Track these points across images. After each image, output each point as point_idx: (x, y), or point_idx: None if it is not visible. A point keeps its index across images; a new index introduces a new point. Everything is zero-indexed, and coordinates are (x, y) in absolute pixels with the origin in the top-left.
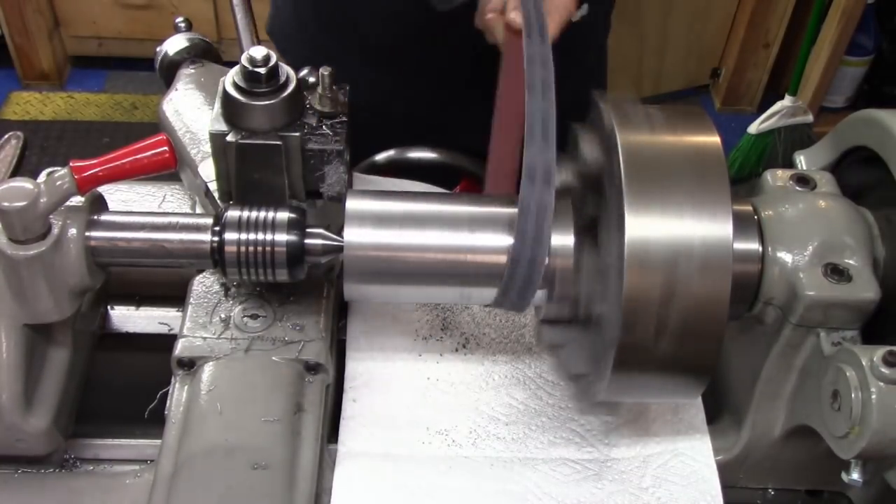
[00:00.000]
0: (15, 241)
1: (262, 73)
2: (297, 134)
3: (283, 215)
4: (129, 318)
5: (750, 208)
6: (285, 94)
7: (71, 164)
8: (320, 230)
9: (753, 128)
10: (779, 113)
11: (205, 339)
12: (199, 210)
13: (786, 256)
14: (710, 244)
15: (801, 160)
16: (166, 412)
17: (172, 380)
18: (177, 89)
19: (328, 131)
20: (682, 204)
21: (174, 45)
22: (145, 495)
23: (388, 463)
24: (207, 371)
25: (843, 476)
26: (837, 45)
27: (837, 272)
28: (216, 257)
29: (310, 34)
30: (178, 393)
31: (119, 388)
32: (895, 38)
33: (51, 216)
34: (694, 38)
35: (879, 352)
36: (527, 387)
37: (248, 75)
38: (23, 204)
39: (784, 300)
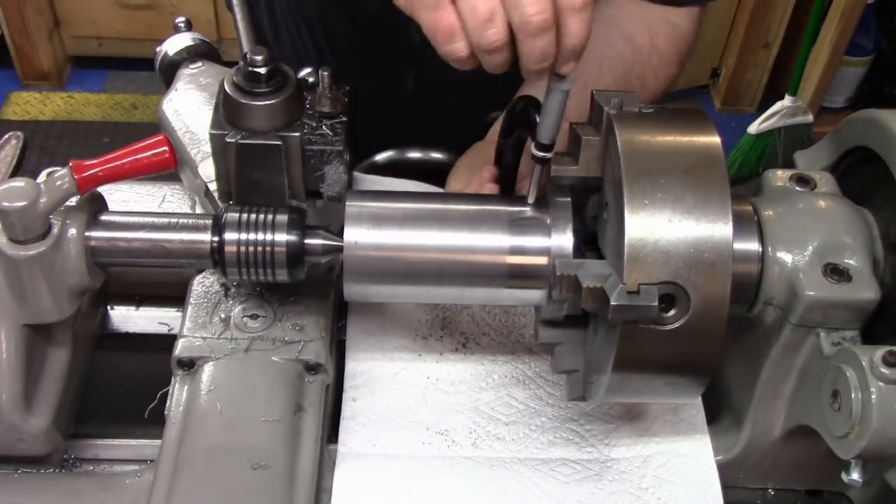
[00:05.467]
0: (15, 241)
1: (262, 73)
2: (297, 134)
3: (283, 215)
4: (129, 318)
5: (750, 208)
6: (285, 94)
7: (71, 164)
8: (320, 230)
9: (753, 128)
10: (779, 113)
11: (205, 339)
12: (199, 210)
13: (786, 256)
14: (710, 244)
15: (802, 160)
16: (166, 412)
17: (172, 380)
18: (177, 89)
19: (328, 131)
20: (682, 204)
21: (174, 45)
22: (145, 495)
23: (387, 463)
24: (207, 371)
25: (843, 476)
26: (837, 45)
27: (837, 272)
28: (216, 257)
29: None
30: (178, 393)
31: (119, 388)
32: (895, 38)
33: (51, 216)
34: None
35: (879, 352)
36: (527, 387)
37: (248, 75)
38: (23, 204)
39: (784, 300)
